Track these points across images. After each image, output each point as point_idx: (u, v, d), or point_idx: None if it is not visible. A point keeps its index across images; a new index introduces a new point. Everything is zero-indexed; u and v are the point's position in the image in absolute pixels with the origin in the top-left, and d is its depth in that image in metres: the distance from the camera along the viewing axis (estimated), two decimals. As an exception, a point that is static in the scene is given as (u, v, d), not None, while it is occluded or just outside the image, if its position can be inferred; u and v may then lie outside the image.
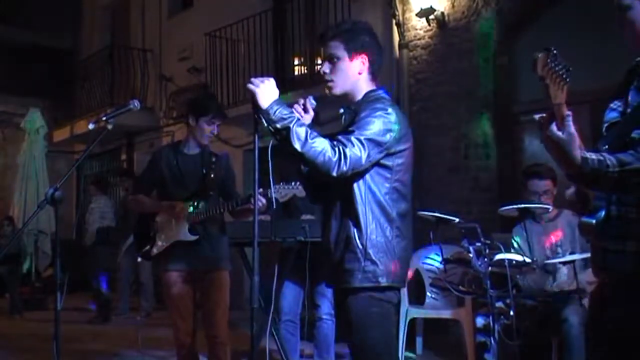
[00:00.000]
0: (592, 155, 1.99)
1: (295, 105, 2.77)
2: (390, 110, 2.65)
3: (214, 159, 4.15)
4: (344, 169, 2.49)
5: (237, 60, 9.37)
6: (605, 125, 2.20)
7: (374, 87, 2.80)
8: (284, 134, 2.51)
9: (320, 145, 2.49)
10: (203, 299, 4.14)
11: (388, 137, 2.60)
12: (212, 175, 4.09)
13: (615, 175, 1.97)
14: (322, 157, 2.48)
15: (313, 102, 2.80)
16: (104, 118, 3.43)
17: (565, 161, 1.99)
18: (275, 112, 2.53)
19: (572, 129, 1.95)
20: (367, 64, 2.75)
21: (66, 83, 12.89)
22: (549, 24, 6.55)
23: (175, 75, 11.18)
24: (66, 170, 10.01)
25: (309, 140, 2.48)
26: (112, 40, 13.08)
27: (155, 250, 4.14)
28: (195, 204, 4.08)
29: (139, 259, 4.28)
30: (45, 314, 8.93)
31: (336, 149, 2.49)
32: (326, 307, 4.78)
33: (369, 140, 2.55)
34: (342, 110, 2.82)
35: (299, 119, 2.56)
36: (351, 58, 2.74)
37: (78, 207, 14.07)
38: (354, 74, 2.75)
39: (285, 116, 2.53)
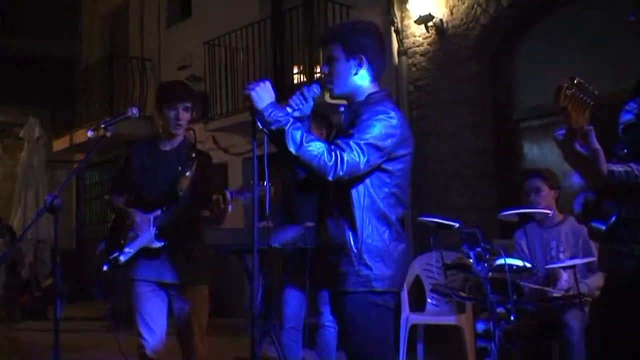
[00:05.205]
0: (619, 168, 2.01)
1: (294, 97, 2.72)
2: (392, 113, 2.60)
3: (193, 155, 3.73)
4: (340, 173, 2.45)
5: (236, 69, 9.37)
6: (621, 126, 2.23)
7: (377, 89, 2.75)
8: (279, 136, 2.49)
9: (316, 149, 2.46)
10: (177, 314, 3.76)
11: (389, 141, 2.56)
12: (187, 174, 3.69)
13: None
14: (318, 161, 2.45)
15: (316, 90, 2.74)
16: (102, 125, 3.43)
17: (591, 176, 2.01)
18: (270, 114, 2.51)
19: (597, 144, 1.97)
20: (365, 65, 2.70)
21: (65, 93, 12.88)
22: (547, 31, 6.57)
23: (175, 84, 11.16)
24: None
25: (305, 143, 2.46)
26: (111, 49, 13.08)
27: (122, 258, 3.70)
28: (164, 206, 3.68)
29: (105, 268, 3.77)
30: (45, 323, 8.89)
31: (333, 153, 2.46)
32: (329, 314, 4.76)
33: (369, 145, 2.51)
34: (342, 109, 2.79)
35: (295, 122, 2.52)
36: (348, 59, 2.70)
37: (78, 216, 14.05)
38: (351, 75, 2.71)
39: (280, 118, 2.51)
